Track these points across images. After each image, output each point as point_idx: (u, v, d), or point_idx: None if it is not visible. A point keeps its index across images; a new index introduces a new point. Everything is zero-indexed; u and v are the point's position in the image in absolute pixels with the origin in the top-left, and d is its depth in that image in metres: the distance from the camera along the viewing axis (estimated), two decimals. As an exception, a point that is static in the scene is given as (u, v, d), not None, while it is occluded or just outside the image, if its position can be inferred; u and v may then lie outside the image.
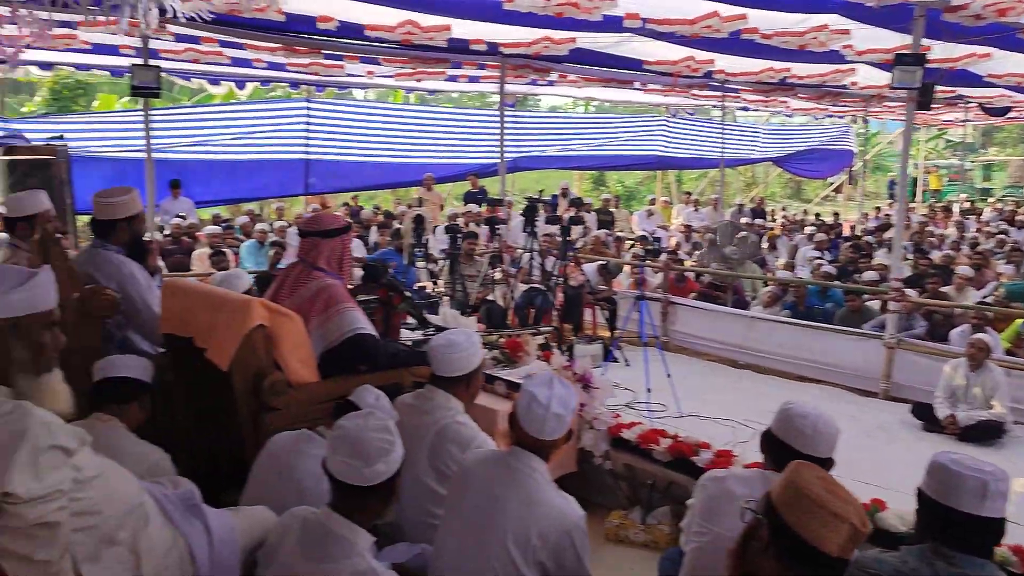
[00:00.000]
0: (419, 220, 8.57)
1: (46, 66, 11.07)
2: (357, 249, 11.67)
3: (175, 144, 12.98)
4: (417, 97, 14.43)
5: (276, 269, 8.96)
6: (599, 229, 13.17)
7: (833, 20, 7.43)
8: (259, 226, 10.80)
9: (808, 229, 14.06)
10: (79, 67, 11.16)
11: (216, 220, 12.10)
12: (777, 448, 2.50)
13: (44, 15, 7.13)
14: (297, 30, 8.15)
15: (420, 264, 8.89)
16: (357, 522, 2.24)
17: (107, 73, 11.71)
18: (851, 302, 8.09)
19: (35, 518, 1.81)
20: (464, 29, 8.13)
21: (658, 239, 13.74)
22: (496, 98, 19.83)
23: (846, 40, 7.99)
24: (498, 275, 8.71)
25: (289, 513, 2.44)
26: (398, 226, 11.27)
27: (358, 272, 5.03)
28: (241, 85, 12.36)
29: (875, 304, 8.07)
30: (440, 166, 14.89)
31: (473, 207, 13.07)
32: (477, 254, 9.59)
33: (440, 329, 4.04)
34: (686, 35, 7.66)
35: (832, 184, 25.47)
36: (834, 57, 8.88)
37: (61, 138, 9.89)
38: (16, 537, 1.81)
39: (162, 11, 6.06)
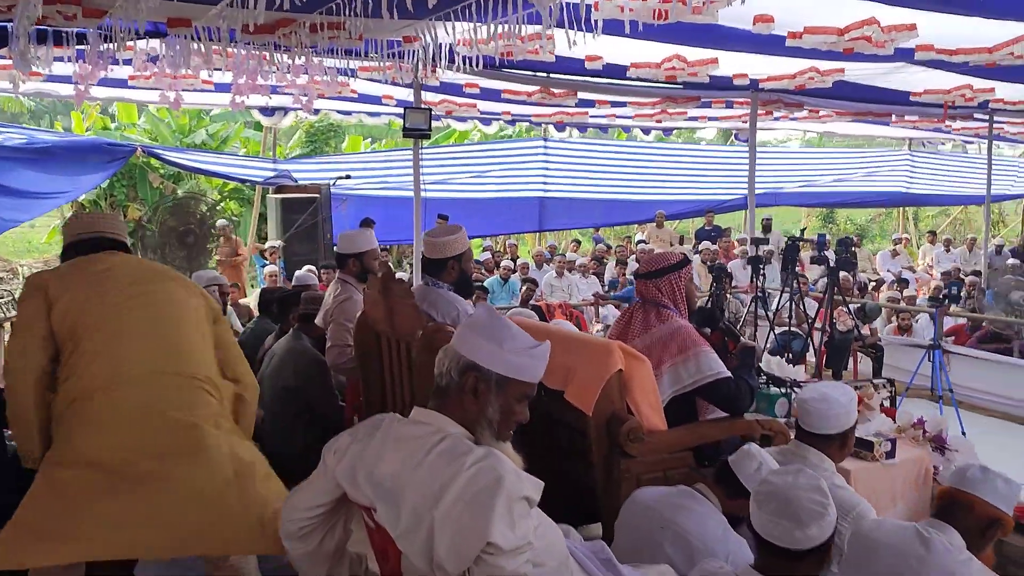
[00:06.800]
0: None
1: (314, 112, 11.87)
2: (593, 286, 11.68)
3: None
4: (657, 135, 14.37)
5: (529, 306, 9.10)
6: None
7: None
8: (504, 263, 11.03)
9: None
10: (343, 113, 11.87)
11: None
12: None
13: (331, 63, 7.69)
14: (563, 70, 8.25)
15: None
16: None
17: (364, 116, 12.37)
18: None
19: (511, 571, 1.76)
20: (730, 64, 7.93)
21: (906, 281, 12.85)
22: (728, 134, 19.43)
23: None
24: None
25: (701, 569, 2.32)
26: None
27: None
28: (487, 122, 12.73)
29: None
30: (673, 203, 14.68)
31: (708, 244, 12.77)
32: (729, 293, 9.35)
33: (773, 379, 3.83)
34: (981, 64, 7.08)
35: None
36: None
37: (348, 177, 10.51)
38: None
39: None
